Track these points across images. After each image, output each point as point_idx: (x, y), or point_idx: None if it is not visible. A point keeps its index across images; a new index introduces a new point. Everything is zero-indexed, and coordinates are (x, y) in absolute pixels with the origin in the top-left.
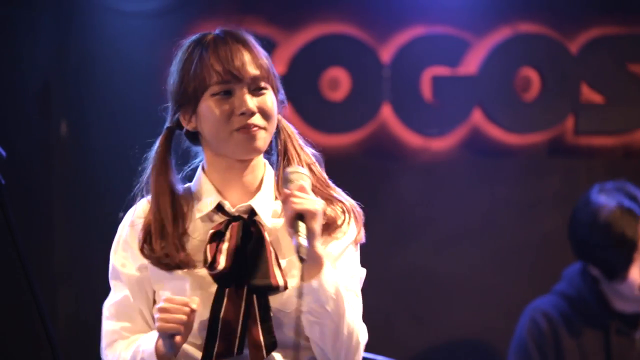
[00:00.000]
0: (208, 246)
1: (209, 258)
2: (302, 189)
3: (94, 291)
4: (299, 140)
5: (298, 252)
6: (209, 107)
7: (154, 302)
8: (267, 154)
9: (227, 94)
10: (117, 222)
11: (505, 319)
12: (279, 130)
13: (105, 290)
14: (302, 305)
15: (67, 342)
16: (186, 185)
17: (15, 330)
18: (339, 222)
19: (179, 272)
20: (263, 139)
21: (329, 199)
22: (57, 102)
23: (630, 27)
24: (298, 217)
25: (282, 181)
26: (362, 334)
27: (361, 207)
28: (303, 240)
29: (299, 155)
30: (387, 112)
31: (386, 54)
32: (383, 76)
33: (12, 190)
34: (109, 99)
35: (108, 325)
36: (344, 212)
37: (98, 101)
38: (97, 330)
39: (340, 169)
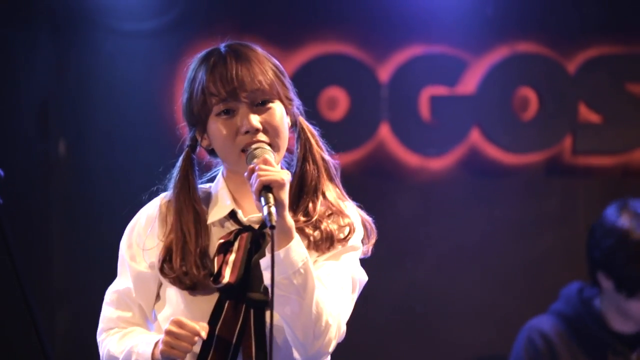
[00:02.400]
0: (215, 258)
1: (215, 270)
2: (266, 161)
3: (91, 310)
4: (320, 146)
5: (268, 220)
6: (216, 127)
7: (158, 295)
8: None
9: (230, 112)
10: (116, 241)
11: (503, 337)
12: (299, 134)
13: None
14: (269, 278)
15: None
16: (207, 185)
17: (13, 349)
18: (341, 236)
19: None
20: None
21: (337, 214)
22: (55, 121)
23: (628, 46)
24: (265, 188)
25: (247, 158)
26: (333, 320)
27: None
28: (273, 209)
29: (317, 160)
30: (385, 132)
31: (384, 73)
32: (381, 96)
33: (10, 209)
34: (107, 119)
35: (107, 310)
36: (348, 227)
37: (96, 121)
38: (94, 349)
39: None
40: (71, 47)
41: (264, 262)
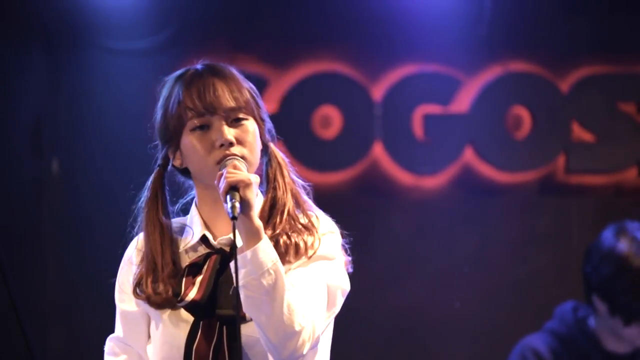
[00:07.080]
0: (184, 279)
1: (181, 291)
2: (235, 167)
3: (84, 328)
4: (289, 172)
5: (231, 212)
6: (190, 143)
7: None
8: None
9: (205, 127)
10: (108, 259)
11: (496, 355)
12: (269, 159)
13: (96, 328)
14: (239, 280)
15: None
16: (182, 218)
17: None
18: (308, 247)
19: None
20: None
21: (304, 228)
22: (48, 140)
23: (621, 66)
24: (232, 189)
25: (220, 169)
26: (306, 321)
27: (351, 244)
28: (237, 204)
29: (285, 185)
30: (378, 150)
31: (377, 92)
32: (374, 114)
33: (3, 228)
34: (100, 137)
35: None
36: (316, 239)
37: (89, 139)
38: None
39: (332, 207)
40: (64, 65)
41: (233, 263)
